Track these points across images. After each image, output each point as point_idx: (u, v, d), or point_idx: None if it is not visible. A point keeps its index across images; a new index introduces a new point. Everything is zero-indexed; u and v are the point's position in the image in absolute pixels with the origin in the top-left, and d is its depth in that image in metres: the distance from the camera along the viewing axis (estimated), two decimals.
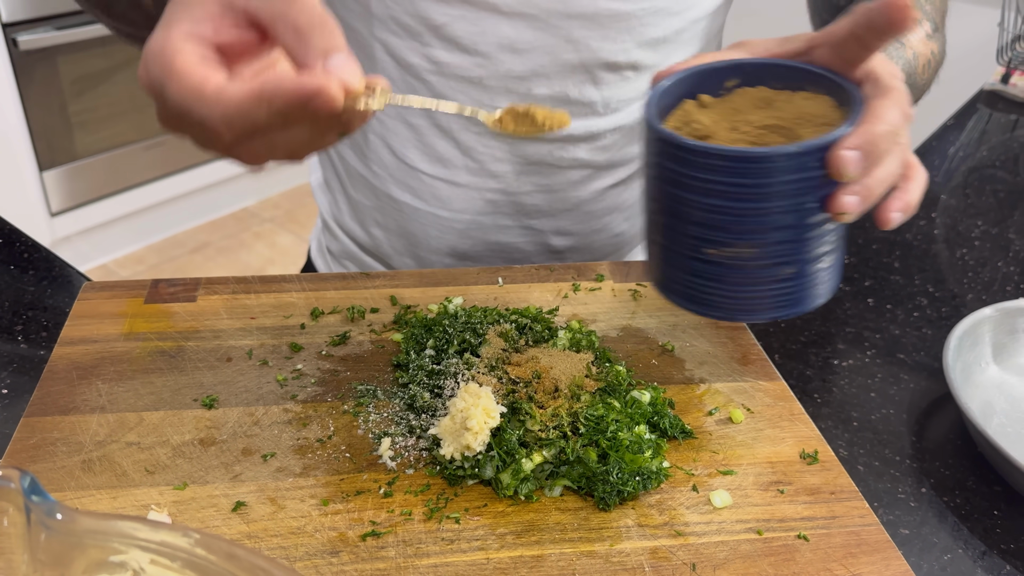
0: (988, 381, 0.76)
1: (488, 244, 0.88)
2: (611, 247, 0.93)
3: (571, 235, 0.89)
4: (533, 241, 0.89)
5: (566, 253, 0.91)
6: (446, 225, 0.87)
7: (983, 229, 1.04)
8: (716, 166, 0.48)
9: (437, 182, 0.84)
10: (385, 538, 0.53)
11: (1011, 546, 0.62)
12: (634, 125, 0.84)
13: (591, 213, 0.88)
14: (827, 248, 0.51)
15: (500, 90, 0.79)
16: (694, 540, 0.54)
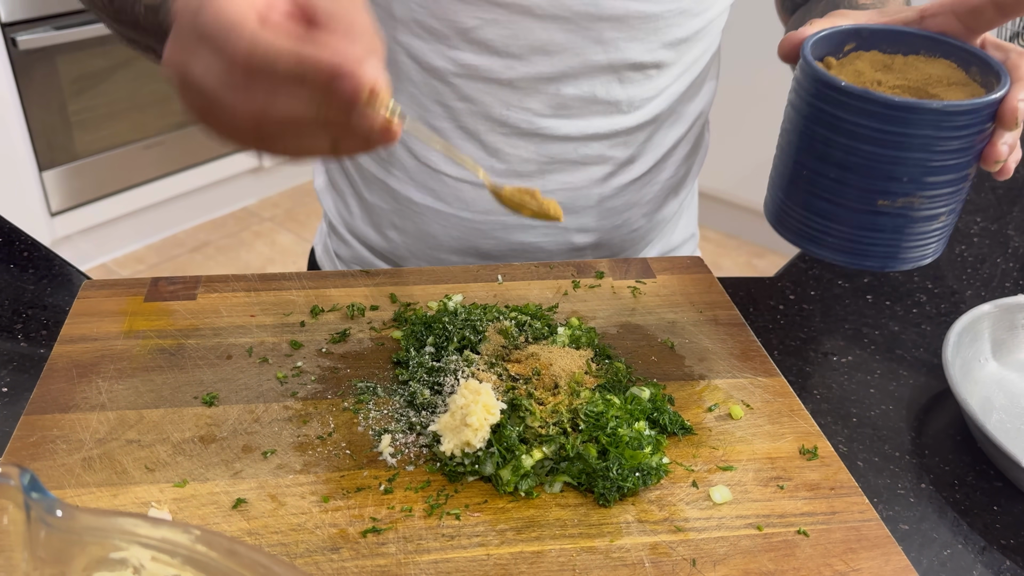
0: (987, 377, 0.76)
1: (511, 244, 0.88)
2: (628, 242, 0.94)
3: (592, 232, 0.89)
4: (556, 240, 0.89)
5: (587, 250, 0.91)
6: (469, 227, 0.87)
7: (982, 226, 1.04)
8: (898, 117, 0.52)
9: (461, 184, 0.84)
10: (385, 534, 0.53)
11: (1011, 541, 0.62)
12: (654, 122, 0.87)
13: (612, 209, 0.89)
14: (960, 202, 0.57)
15: (529, 91, 0.79)
16: (694, 536, 0.54)
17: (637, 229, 0.93)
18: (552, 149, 0.83)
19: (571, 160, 0.84)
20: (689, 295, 0.77)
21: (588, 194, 0.87)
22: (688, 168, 0.98)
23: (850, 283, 0.90)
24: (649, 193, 0.91)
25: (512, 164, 0.83)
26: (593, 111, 0.82)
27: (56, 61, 2.36)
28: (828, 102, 0.54)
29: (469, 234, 0.87)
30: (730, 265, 2.97)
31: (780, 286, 0.89)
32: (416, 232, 0.90)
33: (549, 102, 0.80)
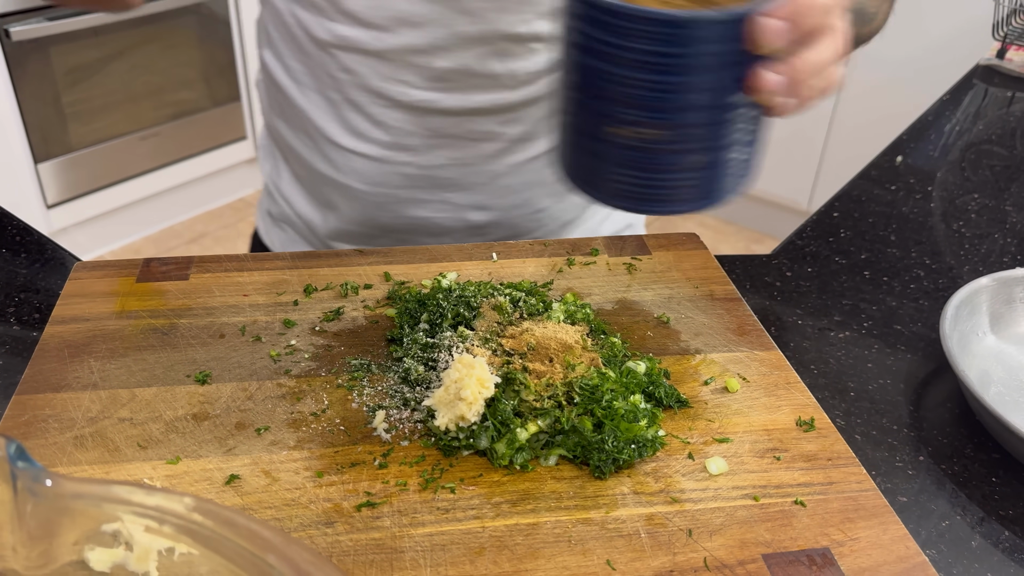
0: (985, 351, 0.76)
1: (408, 218, 0.87)
2: (535, 223, 0.91)
3: (490, 210, 0.87)
4: (452, 216, 0.87)
5: (487, 228, 0.89)
6: (366, 199, 0.87)
7: (980, 202, 1.04)
8: (633, 30, 0.43)
9: (354, 156, 0.85)
10: (380, 508, 0.53)
11: (1009, 512, 0.61)
12: (547, 97, 0.82)
13: (509, 187, 0.87)
14: (741, 137, 0.48)
15: (400, 63, 0.79)
16: (690, 507, 0.53)
17: (543, 210, 0.90)
18: (435, 123, 0.82)
19: (457, 135, 0.83)
20: (685, 271, 0.76)
21: (479, 170, 0.85)
22: None
23: (847, 260, 0.90)
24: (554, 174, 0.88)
25: (397, 137, 0.83)
26: (472, 85, 0.79)
27: (50, 52, 2.35)
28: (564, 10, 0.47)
29: (366, 207, 0.87)
30: (729, 251, 2.96)
31: (776, 263, 0.89)
32: (324, 201, 0.90)
33: (423, 75, 0.79)
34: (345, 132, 0.84)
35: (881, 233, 0.96)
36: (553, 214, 0.91)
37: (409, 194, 0.86)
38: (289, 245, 0.98)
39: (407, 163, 0.84)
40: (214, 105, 2.82)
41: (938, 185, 1.09)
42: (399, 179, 0.85)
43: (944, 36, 2.43)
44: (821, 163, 2.79)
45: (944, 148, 1.20)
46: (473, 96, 0.80)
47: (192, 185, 2.90)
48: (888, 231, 0.96)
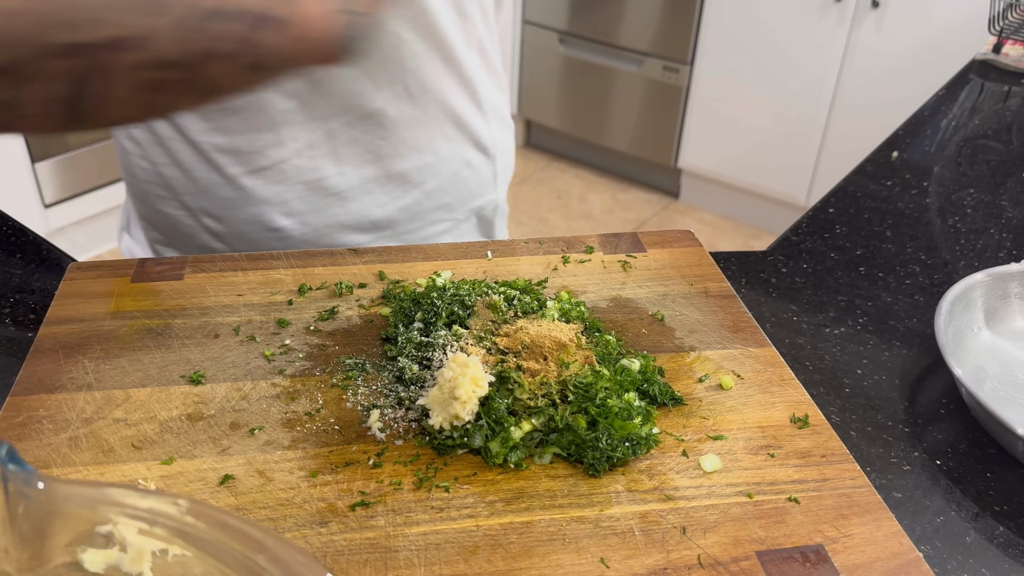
0: (980, 346, 0.76)
1: (163, 214, 0.87)
2: (280, 243, 0.86)
3: (221, 220, 0.85)
4: (190, 219, 0.85)
5: (228, 239, 0.86)
6: (132, 190, 0.88)
7: (975, 197, 1.04)
8: None
9: (121, 148, 0.86)
10: (374, 508, 0.53)
11: (1004, 507, 0.61)
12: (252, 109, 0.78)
13: (229, 200, 0.83)
14: None
15: None
16: (684, 504, 0.53)
17: (280, 230, 0.85)
18: (153, 124, 0.81)
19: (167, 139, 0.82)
20: (680, 268, 0.76)
21: (197, 178, 0.83)
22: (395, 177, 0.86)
23: (843, 255, 0.90)
24: (287, 193, 0.83)
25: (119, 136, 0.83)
26: None
27: None
28: None
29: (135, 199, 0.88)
30: (727, 246, 2.96)
31: (772, 260, 0.89)
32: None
33: None
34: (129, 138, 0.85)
35: (877, 229, 0.96)
36: (300, 236, 0.86)
37: (153, 189, 0.85)
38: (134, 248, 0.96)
39: (142, 156, 0.84)
40: None
41: (934, 180, 1.09)
42: (143, 173, 0.85)
43: (940, 31, 2.43)
44: (819, 159, 2.79)
45: (940, 143, 1.20)
46: None
47: None
48: (884, 227, 0.96)
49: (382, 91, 0.79)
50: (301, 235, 0.85)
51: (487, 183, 0.93)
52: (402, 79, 0.79)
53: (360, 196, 0.85)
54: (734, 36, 2.79)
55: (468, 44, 0.82)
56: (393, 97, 0.79)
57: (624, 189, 3.31)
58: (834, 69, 2.63)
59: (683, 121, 3.03)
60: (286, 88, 0.76)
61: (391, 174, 0.85)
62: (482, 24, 0.83)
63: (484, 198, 0.93)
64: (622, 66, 3.08)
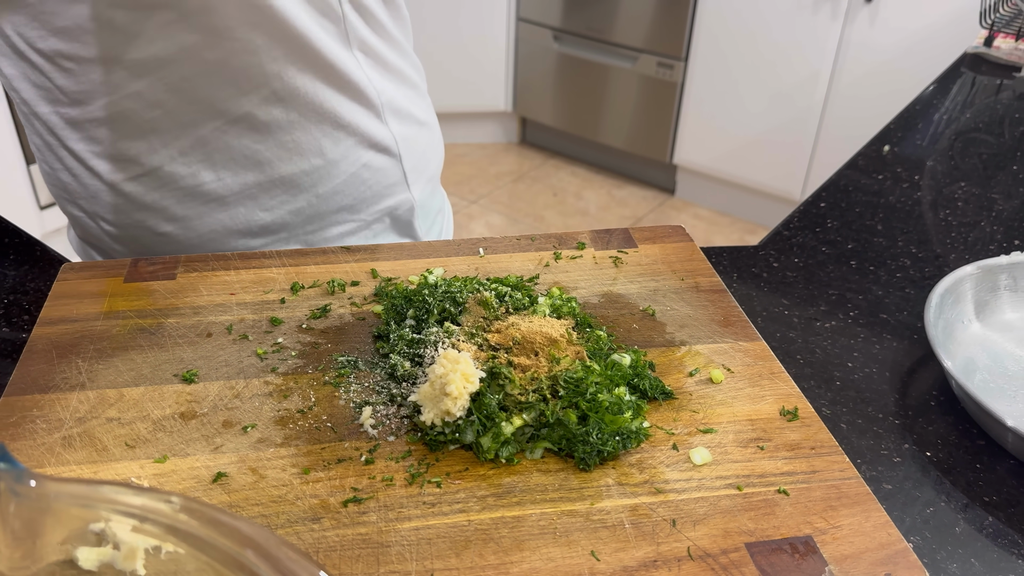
0: (970, 338, 0.76)
1: (72, 217, 0.87)
2: (170, 247, 0.85)
3: (112, 224, 0.84)
4: (87, 221, 0.85)
5: (124, 241, 0.86)
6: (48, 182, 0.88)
7: (967, 190, 1.04)
8: None
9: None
10: (367, 504, 0.53)
11: (993, 498, 0.62)
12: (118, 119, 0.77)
13: (113, 206, 0.83)
14: None
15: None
16: (674, 497, 0.54)
17: (166, 235, 0.85)
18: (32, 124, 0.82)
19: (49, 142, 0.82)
20: (671, 263, 0.77)
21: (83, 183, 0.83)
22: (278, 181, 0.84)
23: (834, 249, 0.90)
24: (166, 199, 0.82)
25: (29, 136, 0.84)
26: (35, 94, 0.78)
27: None
28: None
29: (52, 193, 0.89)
30: (722, 242, 2.96)
31: (763, 254, 0.89)
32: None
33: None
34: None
35: (868, 223, 0.96)
36: (186, 241, 0.85)
37: (57, 192, 0.86)
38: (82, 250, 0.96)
39: (43, 160, 0.85)
40: None
41: (925, 174, 1.09)
42: (47, 177, 0.86)
43: (931, 26, 2.43)
44: (814, 154, 2.79)
45: (932, 137, 1.21)
46: (41, 107, 0.78)
47: None
48: (875, 220, 0.97)
49: (247, 96, 0.77)
50: (187, 240, 0.84)
51: (395, 183, 0.91)
52: (266, 83, 0.77)
53: (243, 201, 0.83)
54: (728, 32, 2.79)
55: (343, 45, 0.80)
56: (260, 101, 0.78)
57: (620, 186, 3.32)
58: (828, 64, 2.64)
59: (678, 117, 3.04)
60: (148, 97, 0.76)
61: (274, 179, 0.83)
62: (363, 24, 0.81)
63: (394, 198, 0.91)
64: (617, 63, 3.08)
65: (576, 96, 3.26)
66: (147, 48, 0.73)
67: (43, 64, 0.75)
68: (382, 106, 0.86)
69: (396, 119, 0.88)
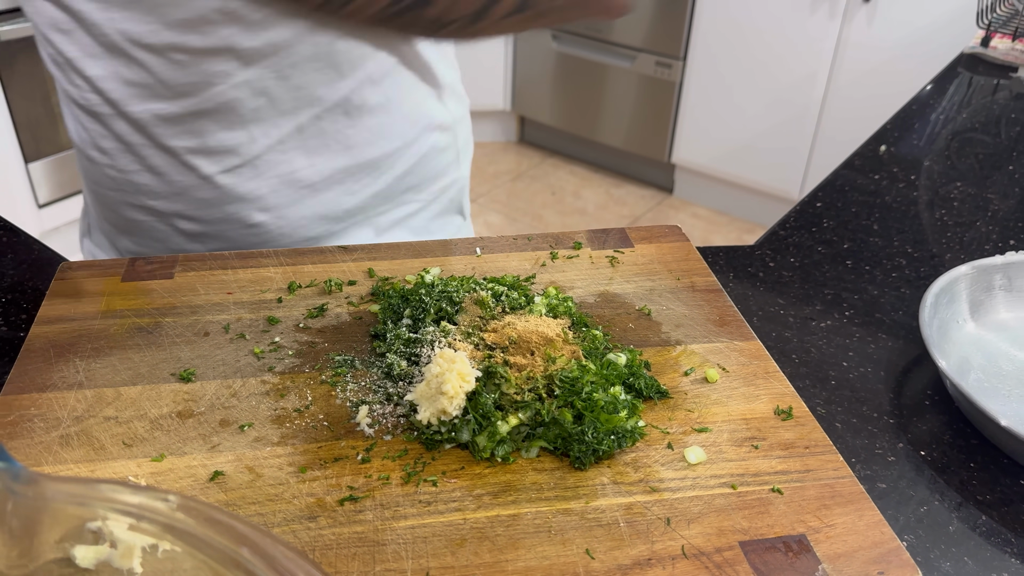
0: (965, 338, 0.76)
1: (131, 220, 0.87)
2: (257, 238, 0.86)
3: (197, 221, 0.85)
4: (163, 223, 0.86)
5: (202, 238, 0.86)
6: (98, 198, 0.88)
7: (963, 190, 1.05)
8: None
9: (80, 155, 0.86)
10: (363, 502, 0.53)
11: (987, 497, 0.62)
12: (222, 110, 0.78)
13: (206, 200, 0.83)
14: None
15: (70, 68, 0.78)
16: (668, 496, 0.54)
17: (258, 225, 0.85)
18: (117, 127, 0.81)
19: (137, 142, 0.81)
20: (667, 263, 0.77)
21: (171, 180, 0.83)
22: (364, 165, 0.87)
23: (830, 249, 0.91)
24: (262, 188, 0.83)
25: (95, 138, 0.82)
26: (128, 93, 0.78)
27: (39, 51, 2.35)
28: None
29: (103, 206, 0.88)
30: (720, 242, 2.97)
31: (759, 254, 0.90)
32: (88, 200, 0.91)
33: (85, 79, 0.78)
34: (73, 132, 0.85)
35: (864, 222, 0.96)
36: (277, 231, 0.86)
37: (120, 196, 0.85)
38: (97, 253, 0.97)
39: (108, 165, 0.84)
40: None
41: (922, 174, 1.09)
42: (108, 180, 0.85)
43: (928, 26, 2.44)
44: (812, 153, 2.80)
45: (929, 137, 1.21)
46: (134, 105, 0.78)
47: None
48: (871, 220, 0.97)
49: (345, 80, 0.80)
50: (278, 229, 0.86)
51: (451, 162, 0.95)
52: (363, 67, 0.80)
53: (332, 186, 0.85)
54: (726, 31, 2.79)
55: None
56: (356, 85, 0.81)
57: (618, 185, 3.32)
58: (826, 63, 2.64)
59: (676, 116, 3.04)
60: (255, 86, 0.77)
61: (361, 163, 0.85)
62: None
63: (449, 176, 0.95)
64: (615, 62, 3.08)
65: (574, 95, 3.26)
66: (262, 35, 0.75)
67: (148, 59, 0.75)
68: (443, 84, 0.90)
69: (452, 98, 0.93)
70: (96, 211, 0.91)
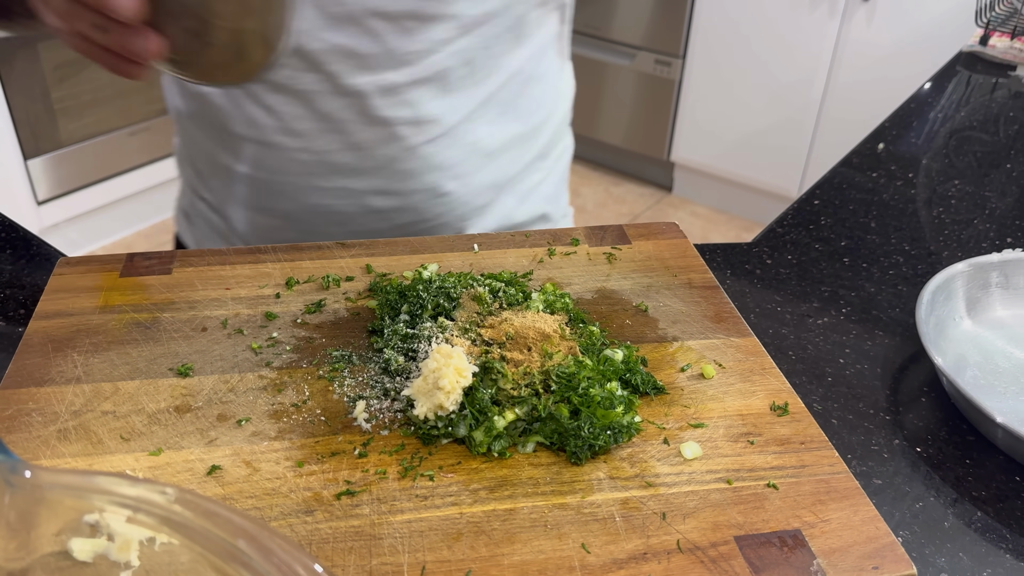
0: (962, 335, 0.77)
1: (309, 206, 0.87)
2: (442, 207, 0.89)
3: (391, 195, 0.86)
4: (353, 203, 0.87)
5: (391, 214, 0.88)
6: (266, 187, 0.87)
7: (960, 188, 1.05)
8: None
9: (250, 143, 0.85)
10: (360, 496, 0.54)
11: (982, 493, 0.62)
12: (438, 79, 0.81)
13: (407, 172, 0.85)
14: None
15: None
16: (664, 491, 0.54)
17: (447, 195, 0.88)
18: (323, 107, 0.81)
19: (345, 119, 0.82)
20: (664, 260, 0.77)
21: (373, 155, 0.84)
22: (528, 132, 0.92)
23: (827, 247, 0.91)
24: (454, 157, 0.86)
25: (288, 122, 0.82)
26: (350, 66, 0.78)
27: (38, 48, 2.35)
28: None
29: (268, 196, 0.87)
30: (720, 239, 2.97)
31: (757, 251, 0.90)
32: (231, 194, 0.90)
33: (306, 59, 0.78)
34: (241, 121, 0.84)
35: (861, 220, 0.96)
36: (460, 199, 0.89)
37: (306, 181, 0.85)
38: (202, 241, 0.98)
39: (300, 149, 0.83)
40: None
41: (920, 172, 1.09)
42: (295, 165, 0.84)
43: (927, 24, 2.44)
44: (811, 151, 2.80)
45: (927, 135, 1.21)
46: (354, 78, 0.79)
47: None
48: (868, 218, 0.97)
49: (523, 48, 0.85)
50: (463, 197, 0.89)
51: (566, 127, 1.00)
52: (535, 36, 0.86)
53: (503, 154, 0.90)
54: (726, 30, 2.79)
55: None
56: (529, 55, 0.86)
57: (617, 183, 3.32)
58: (825, 62, 2.64)
59: (675, 115, 3.04)
60: (465, 55, 0.80)
61: (527, 131, 0.91)
62: None
63: (563, 141, 1.00)
64: (614, 60, 3.08)
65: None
66: (483, 4, 0.79)
67: (381, 27, 0.76)
68: (568, 60, 0.96)
69: (569, 64, 0.98)
70: (247, 203, 0.90)
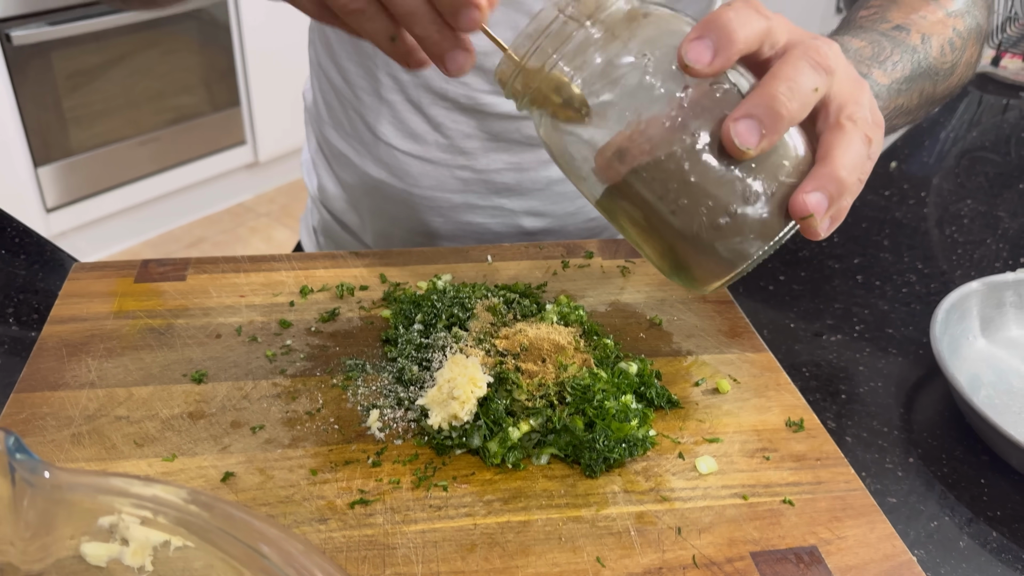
0: (976, 354, 0.76)
1: (460, 224, 0.88)
2: (587, 231, 0.91)
3: (543, 216, 0.88)
4: (504, 222, 0.88)
5: (539, 235, 0.89)
6: (419, 204, 0.87)
7: (973, 208, 1.05)
8: None
9: (409, 159, 0.84)
10: (373, 506, 0.53)
11: (997, 513, 0.62)
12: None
13: (563, 195, 0.86)
14: None
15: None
16: (680, 505, 0.54)
17: (596, 218, 0.90)
18: (495, 126, 0.81)
19: (515, 139, 0.82)
20: None
21: (535, 176, 0.85)
22: None
23: (840, 264, 0.91)
24: None
25: (454, 139, 0.82)
26: None
27: (51, 57, 2.36)
28: None
29: (420, 212, 0.87)
30: None
31: (770, 267, 0.90)
32: (374, 208, 0.90)
33: (487, 77, 0.79)
34: (401, 135, 0.84)
35: (874, 238, 0.96)
36: (604, 223, 0.91)
37: (463, 199, 0.86)
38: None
39: (464, 167, 0.84)
40: (214, 110, 2.83)
41: (932, 191, 1.09)
42: (455, 183, 0.85)
43: None
44: None
45: (939, 155, 1.21)
46: None
47: (191, 190, 2.91)
48: (881, 236, 0.97)
49: None
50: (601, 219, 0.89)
51: None
52: None
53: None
54: None
55: None
56: None
57: None
58: None
59: None
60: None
61: None
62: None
63: None
64: None
65: None
66: None
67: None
68: None
69: None
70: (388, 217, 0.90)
